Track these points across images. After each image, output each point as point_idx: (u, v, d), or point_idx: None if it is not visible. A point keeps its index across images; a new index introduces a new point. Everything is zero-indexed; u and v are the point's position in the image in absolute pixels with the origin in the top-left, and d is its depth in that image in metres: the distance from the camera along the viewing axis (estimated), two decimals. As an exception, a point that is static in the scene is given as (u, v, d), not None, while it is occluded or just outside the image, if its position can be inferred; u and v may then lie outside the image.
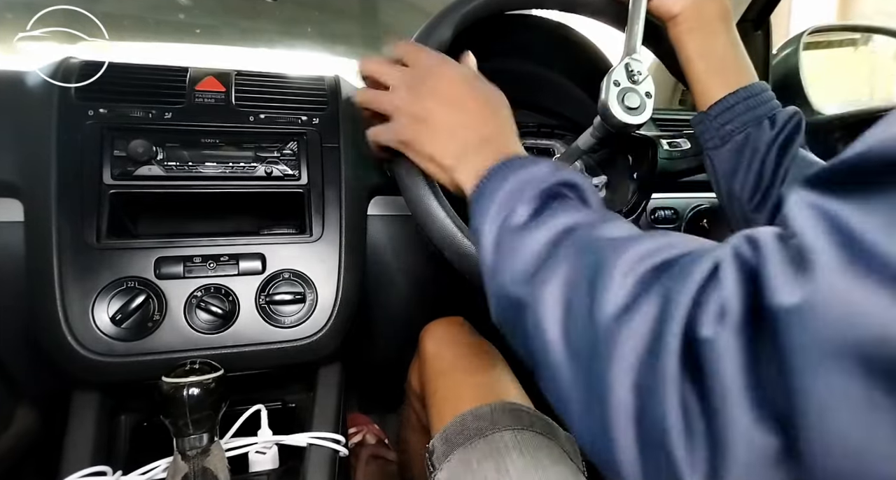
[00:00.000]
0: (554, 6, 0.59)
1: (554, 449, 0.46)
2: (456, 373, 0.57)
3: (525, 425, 0.48)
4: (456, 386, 0.55)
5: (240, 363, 0.57)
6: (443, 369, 0.59)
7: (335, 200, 0.63)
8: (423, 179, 0.48)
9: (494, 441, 0.46)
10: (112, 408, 0.61)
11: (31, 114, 0.56)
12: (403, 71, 0.44)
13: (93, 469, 0.53)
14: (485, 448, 0.45)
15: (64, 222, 0.53)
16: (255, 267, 0.59)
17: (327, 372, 0.67)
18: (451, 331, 0.66)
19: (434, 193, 0.49)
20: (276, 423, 0.61)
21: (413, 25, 0.54)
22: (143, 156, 0.57)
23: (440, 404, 0.54)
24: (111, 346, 0.53)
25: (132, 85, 0.60)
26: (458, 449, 0.47)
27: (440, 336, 0.65)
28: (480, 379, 0.55)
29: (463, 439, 0.47)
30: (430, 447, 0.50)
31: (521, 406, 0.50)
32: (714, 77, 0.51)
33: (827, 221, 0.17)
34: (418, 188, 0.48)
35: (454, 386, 0.55)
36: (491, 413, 0.49)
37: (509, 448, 0.45)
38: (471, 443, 0.47)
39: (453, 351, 0.61)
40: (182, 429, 0.42)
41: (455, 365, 0.58)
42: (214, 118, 0.62)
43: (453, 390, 0.54)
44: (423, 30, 0.52)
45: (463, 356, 0.60)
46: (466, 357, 0.60)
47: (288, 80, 0.68)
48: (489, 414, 0.48)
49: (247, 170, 0.61)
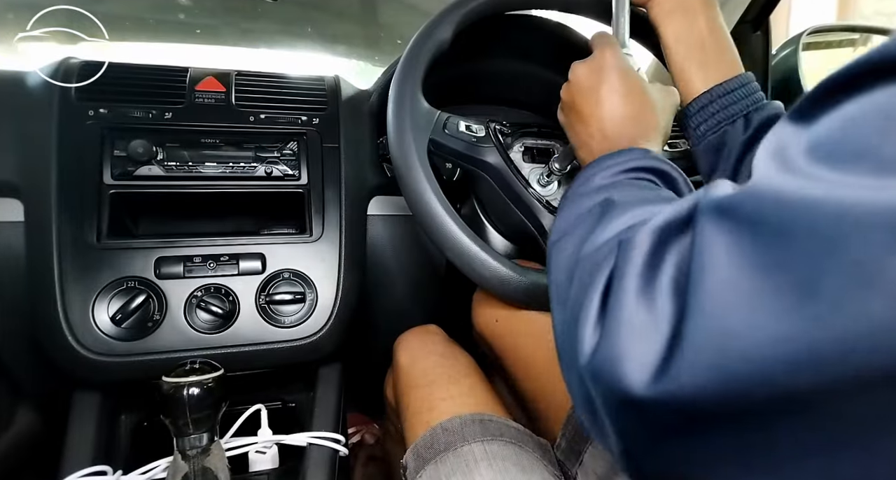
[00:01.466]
0: (554, 6, 0.59)
1: (524, 458, 0.46)
2: (429, 386, 0.55)
3: (494, 435, 0.47)
4: (428, 398, 0.53)
5: (240, 363, 0.57)
6: (416, 382, 0.57)
7: (335, 200, 0.63)
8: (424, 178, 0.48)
9: (463, 455, 0.45)
10: (112, 408, 0.61)
11: (32, 115, 0.56)
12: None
13: (93, 468, 0.53)
14: (454, 462, 0.45)
15: (64, 222, 0.54)
16: (255, 267, 0.59)
17: (327, 372, 0.67)
18: (425, 341, 0.64)
19: (435, 192, 0.49)
20: (276, 423, 0.61)
21: (413, 26, 0.54)
22: (144, 156, 0.57)
23: (413, 418, 0.53)
24: (111, 346, 0.53)
25: (132, 85, 0.60)
26: (429, 464, 0.46)
27: (413, 347, 0.63)
28: (453, 389, 0.54)
29: (433, 453, 0.47)
30: (404, 462, 0.50)
31: (492, 417, 0.49)
32: (693, 66, 0.50)
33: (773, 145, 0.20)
34: (419, 187, 0.49)
35: (427, 399, 0.53)
36: (461, 426, 0.48)
37: (478, 461, 0.44)
38: (440, 458, 0.46)
39: (426, 363, 0.59)
40: (182, 429, 0.42)
41: (428, 378, 0.56)
42: (214, 118, 0.62)
43: (426, 403, 0.53)
44: (424, 30, 0.52)
45: (436, 366, 0.58)
46: (440, 367, 0.58)
47: (288, 81, 0.68)
48: (459, 427, 0.48)
49: (247, 170, 0.61)
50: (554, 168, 0.57)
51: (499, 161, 0.56)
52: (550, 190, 0.59)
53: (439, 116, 0.53)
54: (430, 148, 0.52)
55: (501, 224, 0.65)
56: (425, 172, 0.49)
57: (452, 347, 0.63)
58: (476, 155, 0.55)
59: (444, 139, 0.53)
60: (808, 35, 0.99)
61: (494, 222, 0.66)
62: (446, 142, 0.53)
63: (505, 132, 0.58)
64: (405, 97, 0.51)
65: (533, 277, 0.50)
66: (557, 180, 0.59)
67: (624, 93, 0.44)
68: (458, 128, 0.54)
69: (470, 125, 0.55)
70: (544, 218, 0.56)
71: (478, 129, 0.56)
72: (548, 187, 0.59)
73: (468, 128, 0.55)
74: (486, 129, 0.56)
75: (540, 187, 0.58)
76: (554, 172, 0.57)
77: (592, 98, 0.45)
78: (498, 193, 0.58)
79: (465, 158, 0.55)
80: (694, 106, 0.51)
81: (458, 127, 0.54)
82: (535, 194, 0.56)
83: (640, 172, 0.37)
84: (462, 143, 0.54)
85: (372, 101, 0.71)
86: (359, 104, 0.70)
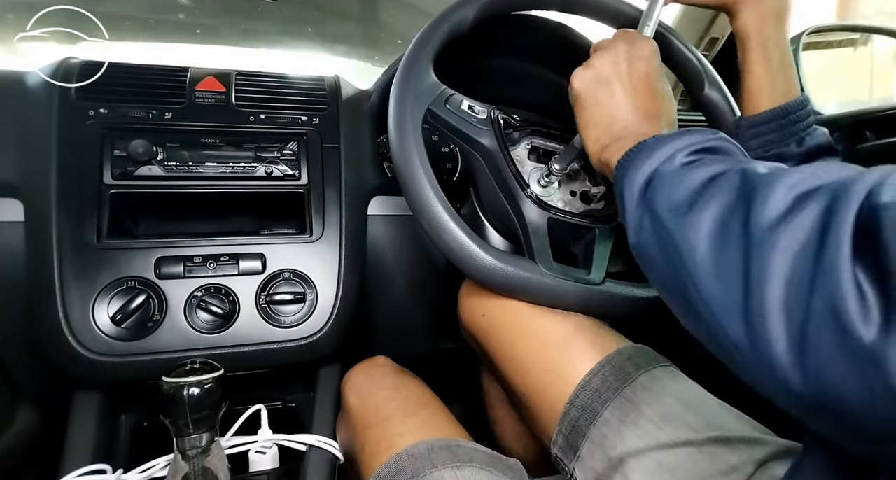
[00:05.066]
0: (555, 7, 0.59)
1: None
2: (384, 423, 0.51)
3: (464, 460, 0.44)
4: (384, 436, 0.50)
5: (240, 363, 0.57)
6: (368, 421, 0.53)
7: (335, 200, 0.63)
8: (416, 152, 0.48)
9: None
10: (112, 408, 0.61)
11: (32, 115, 0.56)
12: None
13: (92, 466, 0.53)
14: None
15: (64, 222, 0.54)
16: (255, 267, 0.59)
17: (327, 372, 0.67)
18: (374, 376, 0.60)
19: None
20: (276, 423, 0.61)
21: (413, 26, 0.54)
22: (144, 156, 0.57)
23: (369, 460, 0.49)
24: (111, 346, 0.53)
25: (132, 85, 0.60)
26: None
27: (360, 385, 0.59)
28: (410, 423, 0.51)
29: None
30: None
31: (459, 442, 0.47)
32: (774, 77, 0.50)
33: None
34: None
35: (383, 437, 0.50)
36: (428, 452, 0.45)
37: None
38: None
39: (377, 399, 0.56)
40: (182, 429, 0.42)
41: (381, 414, 0.53)
42: (215, 118, 0.62)
43: (383, 440, 0.49)
44: (447, 9, 0.53)
45: (388, 402, 0.54)
46: (393, 401, 0.54)
47: (288, 81, 0.68)
48: (426, 453, 0.45)
49: (247, 170, 0.61)
50: (554, 168, 0.57)
51: (493, 144, 0.56)
52: (549, 191, 0.59)
53: (444, 91, 0.53)
54: (426, 118, 0.52)
55: (493, 216, 0.65)
56: (417, 143, 0.49)
57: (403, 378, 0.60)
58: (472, 134, 0.55)
59: (443, 112, 0.53)
60: (808, 35, 0.98)
61: (493, 222, 0.66)
62: (444, 116, 0.53)
63: (513, 124, 0.58)
64: (415, 64, 0.51)
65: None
66: (557, 180, 0.59)
67: (656, 94, 0.44)
68: (461, 106, 0.54)
69: (473, 106, 0.55)
70: (525, 204, 0.55)
71: (480, 111, 0.56)
72: (547, 188, 0.59)
73: (471, 108, 0.55)
74: (488, 113, 0.56)
75: (540, 188, 0.58)
76: (554, 172, 0.57)
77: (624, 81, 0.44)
78: (489, 179, 0.58)
79: (460, 135, 0.55)
80: (752, 120, 0.50)
81: (460, 104, 0.54)
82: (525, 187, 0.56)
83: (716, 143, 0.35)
84: (460, 120, 0.54)
85: (372, 101, 0.71)
86: (359, 104, 0.70)
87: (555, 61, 0.70)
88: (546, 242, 0.54)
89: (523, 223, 0.55)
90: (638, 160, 0.36)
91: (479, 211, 0.66)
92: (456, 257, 0.50)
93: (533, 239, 0.54)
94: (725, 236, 0.27)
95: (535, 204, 0.55)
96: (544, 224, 0.55)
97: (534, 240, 0.54)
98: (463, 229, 0.49)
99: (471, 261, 0.50)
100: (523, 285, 0.51)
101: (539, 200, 0.56)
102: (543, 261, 0.52)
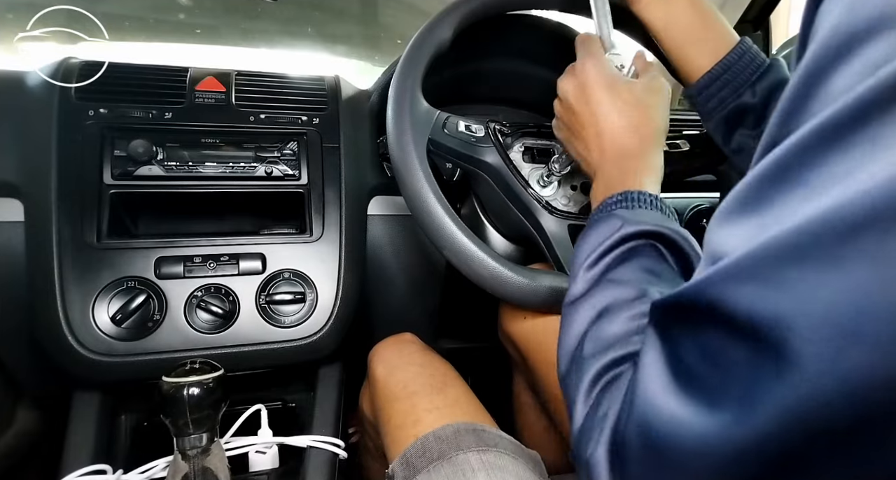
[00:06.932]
0: (554, 6, 0.59)
1: (520, 468, 0.45)
2: (411, 398, 0.53)
3: (490, 445, 0.45)
4: (412, 410, 0.51)
5: (240, 363, 0.57)
6: (395, 394, 0.54)
7: (335, 200, 0.63)
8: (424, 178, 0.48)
9: (459, 464, 0.43)
10: (112, 408, 0.61)
11: (32, 115, 0.56)
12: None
13: (92, 467, 0.53)
14: (449, 471, 0.43)
15: (64, 222, 0.53)
16: (255, 267, 0.59)
17: (327, 372, 0.67)
18: (402, 352, 0.61)
19: (434, 192, 0.49)
20: (277, 423, 0.61)
21: (413, 26, 0.54)
22: (144, 156, 0.57)
23: (395, 432, 0.50)
24: (111, 346, 0.53)
25: (132, 85, 0.60)
26: (420, 473, 0.44)
27: (389, 358, 0.61)
28: (437, 400, 0.51)
29: (425, 462, 0.44)
30: (390, 472, 0.48)
31: (485, 427, 0.48)
32: (687, 48, 0.50)
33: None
34: (418, 187, 0.48)
35: (410, 412, 0.51)
36: (455, 435, 0.46)
37: (475, 471, 0.42)
38: (433, 466, 0.44)
39: (405, 374, 0.57)
40: (182, 429, 0.42)
41: (409, 389, 0.54)
42: (215, 118, 0.62)
43: (410, 415, 0.50)
44: (424, 30, 0.52)
45: (416, 377, 0.56)
46: (420, 378, 0.55)
47: (288, 81, 0.68)
48: (452, 436, 0.46)
49: (247, 170, 0.61)
50: (553, 169, 0.57)
51: (498, 161, 0.56)
52: (550, 190, 0.59)
53: (438, 116, 0.53)
54: (429, 147, 0.52)
55: (501, 224, 0.65)
56: (424, 173, 0.48)
57: (431, 356, 0.61)
58: (475, 154, 0.55)
59: (444, 139, 0.53)
60: (808, 35, 0.98)
61: (494, 222, 0.66)
62: (445, 142, 0.53)
63: (505, 132, 0.58)
64: (405, 97, 0.51)
65: (531, 277, 0.50)
66: (557, 180, 0.59)
67: (614, 107, 0.44)
68: (458, 128, 0.54)
69: (469, 125, 0.55)
70: (542, 217, 0.55)
71: (477, 129, 0.56)
72: (548, 188, 0.59)
73: (467, 127, 0.55)
74: (485, 129, 0.56)
75: (540, 188, 0.58)
76: (553, 173, 0.57)
77: (583, 116, 0.45)
78: (497, 193, 0.58)
79: (464, 158, 0.55)
80: (697, 86, 0.51)
81: (457, 127, 0.54)
82: (534, 194, 0.56)
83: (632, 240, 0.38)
84: (461, 143, 0.54)
85: (372, 101, 0.71)
86: (359, 104, 0.70)
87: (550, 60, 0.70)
88: (571, 251, 0.53)
89: (544, 235, 0.55)
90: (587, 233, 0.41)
91: (479, 211, 0.66)
92: (488, 285, 0.49)
93: (558, 249, 0.54)
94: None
95: (552, 213, 0.55)
96: (566, 232, 0.55)
97: (559, 250, 0.54)
98: (472, 239, 0.48)
99: (504, 286, 0.49)
100: (558, 299, 0.50)
101: (551, 207, 0.56)
102: None
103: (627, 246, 0.37)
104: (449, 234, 0.48)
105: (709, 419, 0.20)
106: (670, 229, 0.37)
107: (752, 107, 0.49)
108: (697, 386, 0.21)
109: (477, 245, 0.48)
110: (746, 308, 0.19)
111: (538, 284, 0.49)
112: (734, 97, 0.50)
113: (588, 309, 0.35)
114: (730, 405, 0.19)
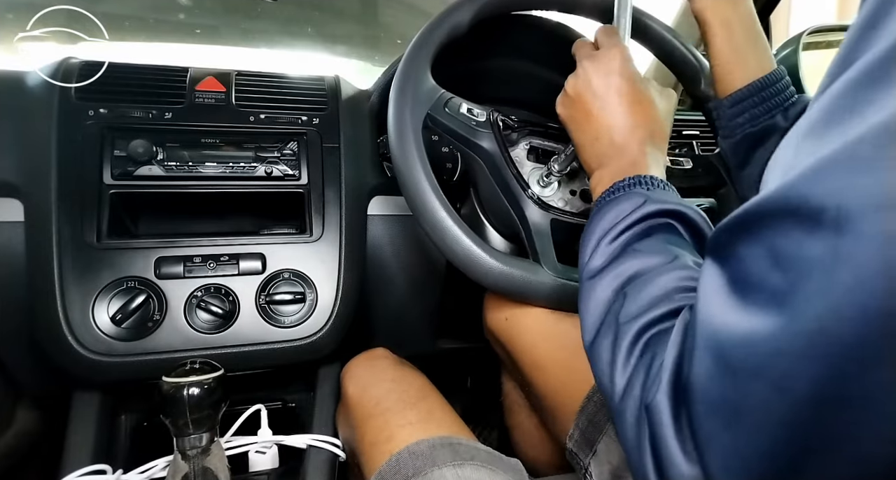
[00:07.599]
0: (554, 7, 0.59)
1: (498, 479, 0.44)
2: (384, 414, 0.52)
3: (465, 458, 0.44)
4: (385, 427, 0.50)
5: (240, 363, 0.57)
6: (369, 412, 0.53)
7: (335, 200, 0.63)
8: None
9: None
10: (112, 408, 0.61)
11: (32, 115, 0.56)
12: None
13: (92, 467, 0.53)
14: None
15: (64, 222, 0.54)
16: (255, 267, 0.59)
17: (327, 372, 0.67)
18: (374, 368, 0.61)
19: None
20: (276, 423, 0.61)
21: (413, 26, 0.54)
22: (144, 156, 0.57)
23: (370, 450, 0.49)
24: (111, 346, 0.53)
25: (132, 85, 0.60)
26: None
27: (361, 375, 0.60)
28: (410, 415, 0.51)
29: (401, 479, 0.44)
30: None
31: (461, 440, 0.47)
32: (740, 54, 0.50)
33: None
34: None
35: (383, 428, 0.50)
36: (430, 450, 0.45)
37: None
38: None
39: (378, 390, 0.56)
40: (182, 429, 0.42)
41: (381, 406, 0.53)
42: (214, 118, 0.62)
43: (383, 432, 0.50)
44: (444, 11, 0.53)
45: (389, 393, 0.55)
46: (393, 393, 0.55)
47: (288, 80, 0.68)
48: (427, 451, 0.45)
49: (247, 170, 0.61)
50: (553, 169, 0.57)
51: (493, 147, 0.56)
52: (549, 191, 0.59)
53: (442, 95, 0.53)
54: (426, 122, 0.52)
55: (496, 219, 0.65)
56: (416, 141, 0.49)
57: (404, 370, 0.60)
58: (472, 137, 0.55)
59: (443, 116, 0.53)
60: (808, 35, 0.98)
61: (494, 222, 0.66)
62: (444, 120, 0.53)
63: (511, 125, 0.58)
64: (412, 70, 0.51)
65: (505, 261, 0.50)
66: (557, 182, 0.59)
67: (634, 101, 0.44)
68: (460, 109, 0.54)
69: (472, 109, 0.55)
70: (528, 207, 0.55)
71: (479, 114, 0.56)
72: (547, 188, 0.59)
73: (470, 111, 0.55)
74: (487, 116, 0.56)
75: (539, 188, 0.58)
76: (553, 173, 0.57)
77: (601, 101, 0.45)
78: (490, 182, 0.58)
79: (461, 139, 0.55)
80: (732, 97, 0.51)
81: (459, 108, 0.54)
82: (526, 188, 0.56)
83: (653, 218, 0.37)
84: (460, 124, 0.54)
85: (372, 101, 0.71)
86: (359, 104, 0.70)
87: (552, 60, 0.70)
88: (550, 243, 0.54)
89: (526, 225, 0.55)
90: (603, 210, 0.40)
91: (479, 211, 0.66)
92: (461, 262, 0.50)
93: (536, 240, 0.54)
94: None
95: (537, 205, 0.55)
96: (547, 225, 0.55)
97: (537, 241, 0.54)
98: (466, 233, 0.49)
99: (475, 266, 0.50)
100: (528, 287, 0.51)
101: (541, 201, 0.56)
102: (548, 263, 0.52)
103: (649, 224, 0.37)
104: (425, 202, 0.48)
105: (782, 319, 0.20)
106: (693, 209, 0.38)
107: (782, 130, 0.49)
108: (769, 293, 0.21)
109: (455, 221, 0.49)
110: (836, 201, 0.18)
111: (510, 270, 0.50)
112: (767, 117, 0.50)
113: (613, 279, 0.35)
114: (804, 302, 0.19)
